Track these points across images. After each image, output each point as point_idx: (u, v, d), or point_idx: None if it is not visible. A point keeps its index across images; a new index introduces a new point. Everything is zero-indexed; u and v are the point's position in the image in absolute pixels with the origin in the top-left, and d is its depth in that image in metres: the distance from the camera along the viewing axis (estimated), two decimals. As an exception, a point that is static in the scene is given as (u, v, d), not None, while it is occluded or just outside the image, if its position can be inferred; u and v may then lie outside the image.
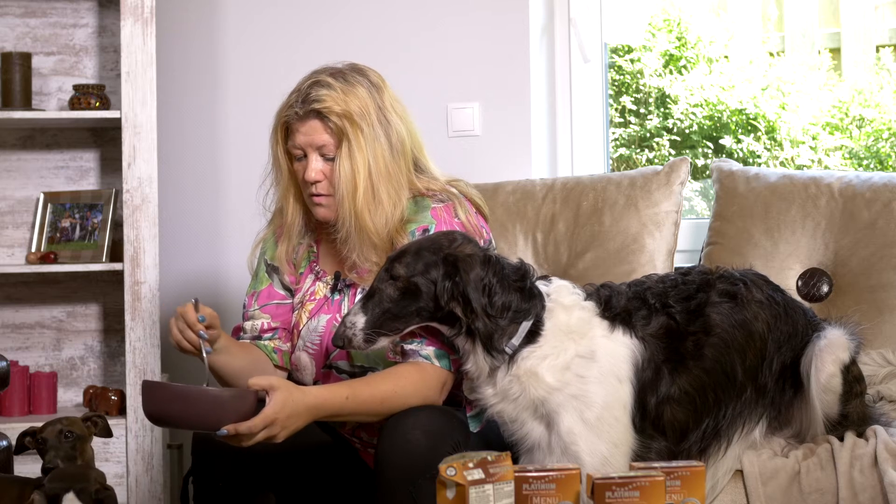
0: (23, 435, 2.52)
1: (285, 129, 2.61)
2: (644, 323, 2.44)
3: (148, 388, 2.33)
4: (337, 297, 2.65)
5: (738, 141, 3.94)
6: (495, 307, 2.36)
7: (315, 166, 2.57)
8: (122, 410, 3.51)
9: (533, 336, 2.40)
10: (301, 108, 2.55)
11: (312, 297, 2.68)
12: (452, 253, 2.38)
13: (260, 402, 2.33)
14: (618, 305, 2.45)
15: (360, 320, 2.37)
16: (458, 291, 2.35)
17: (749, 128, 3.95)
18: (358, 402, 2.43)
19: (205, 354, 2.48)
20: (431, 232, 2.57)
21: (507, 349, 2.38)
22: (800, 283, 3.12)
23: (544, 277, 2.50)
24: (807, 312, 2.61)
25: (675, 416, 2.44)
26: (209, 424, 2.29)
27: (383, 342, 2.40)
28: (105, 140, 3.77)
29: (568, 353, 2.39)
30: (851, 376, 2.54)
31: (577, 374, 2.39)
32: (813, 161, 3.89)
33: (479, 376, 2.42)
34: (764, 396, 2.53)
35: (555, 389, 2.38)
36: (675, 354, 2.45)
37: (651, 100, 4.01)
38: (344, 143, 2.54)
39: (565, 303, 2.43)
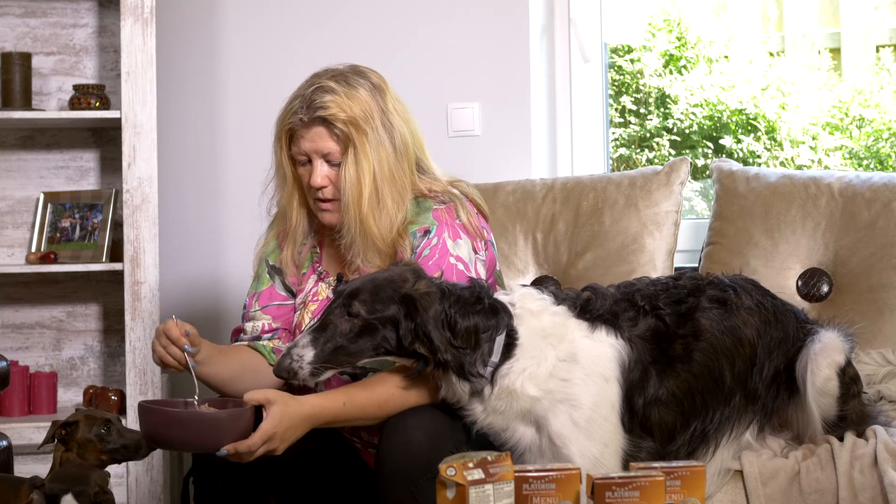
0: (62, 426, 2.42)
1: (289, 135, 2.60)
2: (631, 324, 2.43)
3: (144, 411, 2.31)
4: (338, 298, 2.65)
5: (738, 141, 3.94)
6: (459, 336, 2.34)
7: (321, 172, 2.57)
8: (122, 410, 3.51)
9: (510, 349, 2.38)
10: (306, 114, 2.55)
11: (315, 298, 2.68)
12: (410, 294, 2.35)
13: (258, 416, 2.33)
14: (601, 307, 2.44)
15: (309, 354, 2.33)
16: (421, 332, 2.34)
17: (749, 128, 3.95)
18: (356, 407, 2.43)
19: (191, 368, 2.47)
20: (433, 234, 2.57)
21: (486, 371, 2.37)
22: (800, 283, 3.12)
23: (513, 292, 2.48)
24: (798, 315, 2.61)
25: (662, 418, 2.44)
26: (208, 447, 2.28)
27: (329, 374, 2.38)
28: (105, 140, 3.77)
29: (548, 361, 2.38)
30: (848, 377, 2.53)
31: (562, 379, 2.37)
32: (813, 161, 3.89)
33: (459, 401, 2.41)
34: (754, 402, 2.52)
35: (540, 399, 2.37)
36: (663, 356, 2.44)
37: (651, 100, 4.01)
38: (350, 149, 2.54)
39: (533, 308, 2.42)
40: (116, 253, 3.62)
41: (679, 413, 2.45)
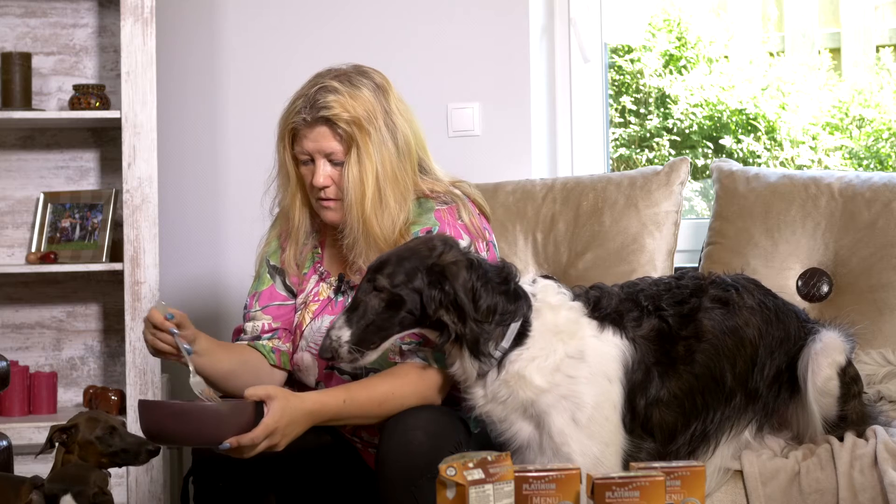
0: (60, 431, 2.43)
1: (292, 134, 2.60)
2: (635, 325, 2.44)
3: (144, 407, 2.31)
4: (340, 298, 2.65)
5: (738, 141, 3.94)
6: (480, 311, 2.34)
7: (323, 171, 2.57)
8: (122, 410, 3.51)
9: (521, 338, 2.39)
10: (309, 114, 2.54)
11: (316, 298, 2.68)
12: (438, 262, 2.36)
13: (258, 412, 2.33)
14: (608, 306, 2.44)
15: (346, 334, 2.34)
16: (447, 300, 2.34)
17: (749, 128, 3.95)
18: (356, 405, 2.43)
19: (184, 351, 2.45)
20: (435, 234, 2.57)
21: (496, 353, 2.37)
22: (800, 283, 3.12)
23: (535, 281, 2.49)
24: (800, 315, 2.61)
25: (663, 419, 2.44)
26: (209, 440, 2.28)
27: (372, 356, 2.37)
28: (105, 140, 3.77)
29: (557, 354, 2.38)
30: (848, 377, 2.54)
31: (567, 375, 2.38)
32: (813, 161, 3.89)
33: (467, 380, 2.42)
34: (755, 402, 2.52)
35: (544, 391, 2.37)
36: (665, 357, 2.44)
37: (651, 100, 4.01)
38: (353, 149, 2.54)
39: (552, 302, 2.43)
40: (116, 253, 3.62)
41: (680, 413, 2.45)
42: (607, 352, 2.40)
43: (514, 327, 2.38)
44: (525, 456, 2.41)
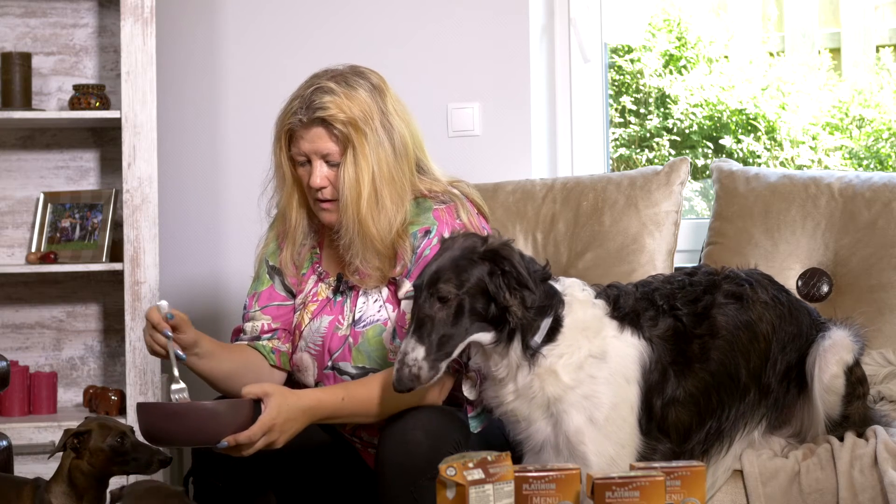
0: (74, 436, 2.39)
1: (289, 135, 2.60)
2: (651, 324, 2.44)
3: (143, 409, 2.32)
4: (339, 298, 2.65)
5: (738, 141, 3.94)
6: (536, 296, 2.34)
7: (320, 172, 2.57)
8: (122, 410, 3.51)
9: (552, 333, 2.38)
10: (305, 115, 2.54)
11: (315, 298, 2.68)
12: (489, 248, 2.34)
13: (256, 411, 2.33)
14: (626, 305, 2.44)
15: (420, 351, 2.29)
16: (512, 279, 2.31)
17: (749, 128, 3.95)
18: (354, 403, 2.43)
19: (172, 355, 2.44)
20: (433, 234, 2.56)
21: (532, 346, 2.37)
22: (800, 283, 3.12)
23: (559, 279, 2.48)
24: (812, 312, 2.62)
25: (679, 418, 2.44)
26: (208, 439, 2.29)
27: (443, 368, 2.32)
28: (105, 140, 3.77)
29: (581, 352, 2.38)
30: (854, 378, 2.54)
31: (589, 375, 2.38)
32: (813, 161, 3.89)
33: (507, 376, 2.39)
34: (767, 397, 2.53)
35: (569, 388, 2.36)
36: (681, 356, 2.44)
37: (651, 100, 4.01)
38: (349, 149, 2.54)
39: (580, 298, 2.42)
40: (116, 253, 3.62)
41: (695, 412, 2.45)
42: (627, 353, 2.40)
43: (547, 322, 2.37)
44: (540, 457, 2.41)
